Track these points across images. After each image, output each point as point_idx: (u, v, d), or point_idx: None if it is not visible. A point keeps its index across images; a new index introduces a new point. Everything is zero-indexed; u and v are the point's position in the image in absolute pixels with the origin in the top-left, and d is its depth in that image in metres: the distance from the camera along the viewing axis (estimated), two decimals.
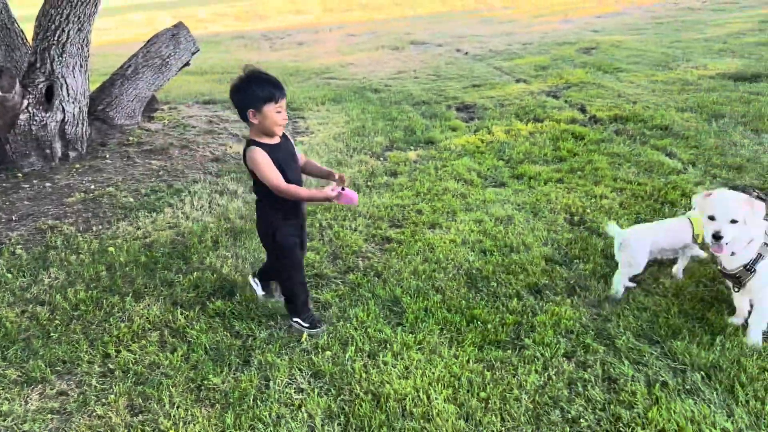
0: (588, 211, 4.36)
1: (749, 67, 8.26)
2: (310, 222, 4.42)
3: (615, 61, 9.19)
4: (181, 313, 3.40)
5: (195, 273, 3.78)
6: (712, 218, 2.86)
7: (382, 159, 5.81)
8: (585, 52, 10.08)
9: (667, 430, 2.43)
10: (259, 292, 3.52)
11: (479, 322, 3.19)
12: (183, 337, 3.22)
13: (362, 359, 2.96)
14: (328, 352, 3.02)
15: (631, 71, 8.53)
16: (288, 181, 2.99)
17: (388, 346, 3.05)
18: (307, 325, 3.22)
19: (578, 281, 3.53)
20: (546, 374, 2.80)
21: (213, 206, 4.76)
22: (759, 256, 2.91)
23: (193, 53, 6.89)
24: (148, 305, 3.49)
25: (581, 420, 2.53)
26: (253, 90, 2.91)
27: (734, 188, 4.07)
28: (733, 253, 2.92)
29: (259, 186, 3.04)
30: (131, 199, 4.95)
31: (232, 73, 10.37)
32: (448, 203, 4.64)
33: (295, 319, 3.25)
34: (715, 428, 2.43)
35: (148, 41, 6.75)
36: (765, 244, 2.92)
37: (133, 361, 3.05)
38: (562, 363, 2.86)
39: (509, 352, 2.97)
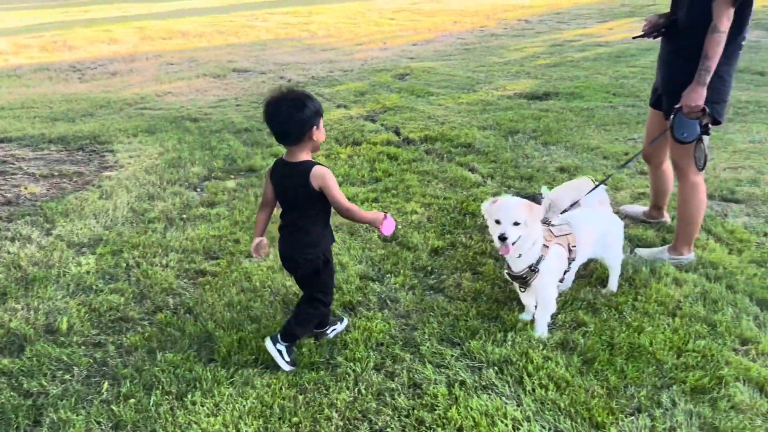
0: (399, 227, 4.57)
1: (541, 87, 9.24)
2: (115, 262, 4.15)
3: (426, 86, 9.79)
4: None
5: None
6: (498, 222, 3.13)
7: (198, 190, 5.64)
8: (400, 78, 10.63)
9: (464, 427, 2.59)
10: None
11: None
12: None
13: (169, 402, 2.82)
14: (131, 400, 2.84)
15: (441, 95, 9.14)
16: None
17: (197, 384, 2.93)
18: (288, 360, 3.03)
19: (389, 294, 3.68)
20: (356, 389, 2.86)
21: (2, 255, 4.28)
22: (541, 257, 3.24)
23: None
24: None
25: (388, 429, 2.61)
26: (313, 105, 2.83)
27: (525, 196, 4.50)
28: (519, 255, 3.22)
29: (317, 208, 2.94)
30: None
31: (32, 108, 9.54)
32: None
33: (281, 346, 3.02)
34: (507, 419, 2.64)
35: None
36: (544, 245, 3.26)
37: None
38: (371, 376, 2.94)
39: (322, 372, 3.00)
